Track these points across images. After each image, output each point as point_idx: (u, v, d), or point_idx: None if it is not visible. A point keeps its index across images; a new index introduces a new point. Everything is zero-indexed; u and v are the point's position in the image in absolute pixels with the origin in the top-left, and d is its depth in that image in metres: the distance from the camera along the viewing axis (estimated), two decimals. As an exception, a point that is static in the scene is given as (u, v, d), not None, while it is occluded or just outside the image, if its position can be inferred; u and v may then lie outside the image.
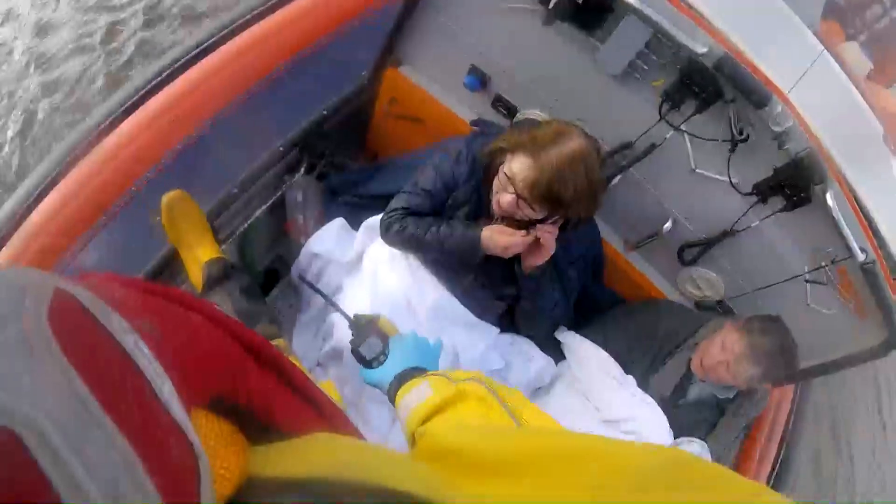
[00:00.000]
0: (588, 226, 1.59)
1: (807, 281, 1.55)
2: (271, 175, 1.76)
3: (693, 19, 1.29)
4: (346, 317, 1.08)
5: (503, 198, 1.34)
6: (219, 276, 1.53)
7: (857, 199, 1.37)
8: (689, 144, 1.53)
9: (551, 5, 1.43)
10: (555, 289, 1.65)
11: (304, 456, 0.49)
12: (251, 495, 0.42)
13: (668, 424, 1.59)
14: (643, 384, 1.68)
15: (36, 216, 1.48)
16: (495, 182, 1.38)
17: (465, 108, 1.79)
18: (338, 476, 0.43)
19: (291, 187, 1.81)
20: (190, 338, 0.48)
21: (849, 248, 1.36)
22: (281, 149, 1.74)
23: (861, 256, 1.35)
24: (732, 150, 1.46)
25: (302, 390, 0.60)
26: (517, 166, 1.29)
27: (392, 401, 0.87)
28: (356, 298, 1.70)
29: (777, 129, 1.32)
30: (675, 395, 1.66)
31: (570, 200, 1.28)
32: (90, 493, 0.25)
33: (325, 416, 0.63)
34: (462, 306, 1.66)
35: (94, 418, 0.27)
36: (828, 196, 1.34)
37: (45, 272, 0.34)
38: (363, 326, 1.03)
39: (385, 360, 0.97)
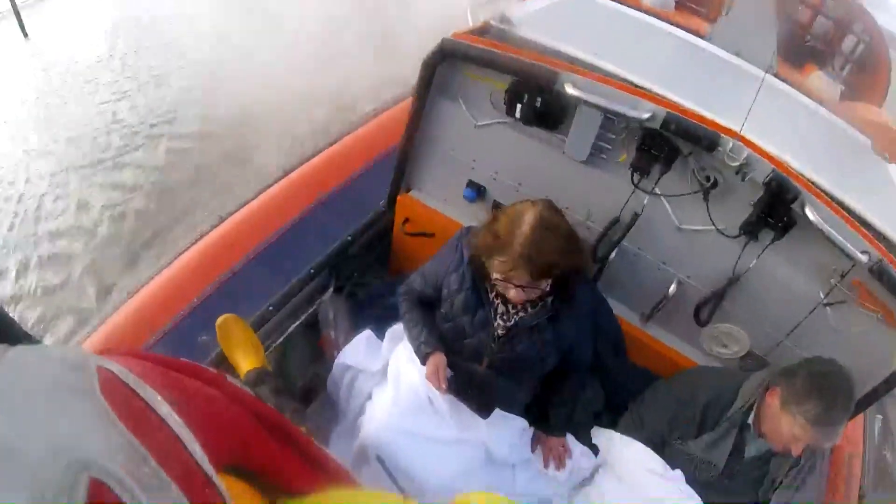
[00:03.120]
0: (583, 286, 1.64)
1: (826, 305, 1.47)
2: (304, 295, 2.00)
3: (629, 91, 1.52)
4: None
5: (510, 294, 1.46)
6: (252, 381, 1.69)
7: (845, 207, 1.39)
8: (667, 205, 1.65)
9: (518, 116, 1.73)
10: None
11: None
12: None
13: None
14: (689, 460, 1.54)
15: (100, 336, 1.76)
16: (496, 284, 1.50)
17: (469, 218, 2.02)
18: None
19: (323, 305, 2.02)
20: (207, 409, 0.54)
21: (848, 256, 1.34)
22: (311, 271, 2.00)
23: (864, 259, 1.32)
24: (706, 198, 1.55)
25: (309, 454, 0.68)
26: (499, 267, 1.42)
27: None
28: (382, 400, 1.76)
29: (734, 163, 1.43)
30: (732, 460, 1.51)
31: (557, 259, 1.39)
32: None
33: (334, 476, 0.71)
34: None
35: (155, 473, 0.33)
36: (807, 211, 1.37)
37: (84, 351, 0.41)
38: None
39: None
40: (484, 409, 1.63)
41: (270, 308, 1.89)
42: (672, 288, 1.72)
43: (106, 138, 4.04)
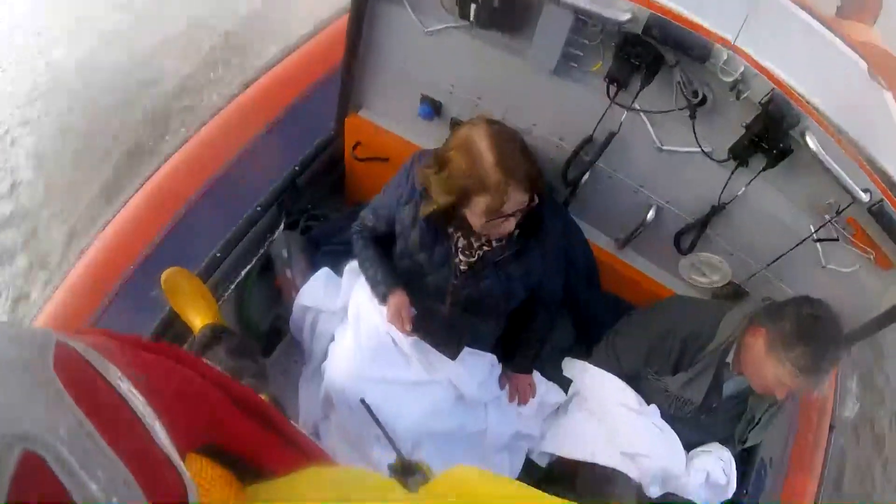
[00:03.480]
0: (553, 216, 1.48)
1: (816, 241, 1.34)
2: (253, 235, 1.83)
3: None
4: (396, 449, 1.05)
5: (505, 228, 1.31)
6: (207, 341, 1.59)
7: (848, 138, 1.20)
8: (647, 122, 1.43)
9: (472, 18, 1.43)
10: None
11: (292, 491, 0.55)
12: None
13: (684, 457, 1.52)
14: (666, 396, 1.51)
15: (50, 306, 1.66)
16: (473, 222, 1.33)
17: (426, 138, 1.80)
18: None
19: (275, 244, 1.87)
20: (178, 388, 0.54)
21: (849, 192, 1.18)
22: (258, 208, 1.82)
23: (865, 197, 1.17)
24: (693, 116, 1.34)
25: (285, 434, 0.66)
26: (489, 206, 1.25)
27: None
28: (343, 340, 1.69)
29: (728, 79, 1.21)
30: (709, 398, 1.47)
31: (531, 167, 1.26)
32: None
33: (308, 455, 0.69)
34: None
35: (99, 447, 0.32)
36: (808, 139, 1.19)
37: (46, 329, 0.41)
38: (406, 469, 1.00)
39: None
40: (451, 350, 1.56)
41: (218, 255, 1.74)
42: (650, 214, 1.56)
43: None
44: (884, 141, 1.25)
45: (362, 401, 1.47)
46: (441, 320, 1.55)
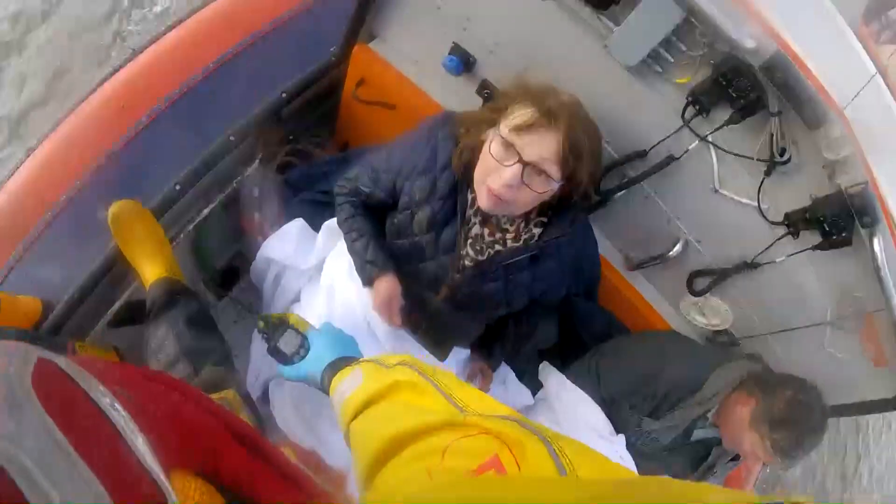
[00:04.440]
0: (582, 225, 1.34)
1: (828, 325, 1.31)
2: (223, 167, 1.52)
3: (747, 9, 0.97)
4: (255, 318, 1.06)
5: (503, 174, 1.06)
6: (162, 301, 1.35)
7: None
8: (714, 159, 1.24)
9: None
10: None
11: None
12: None
13: None
14: (636, 430, 1.49)
15: None
16: (480, 163, 1.12)
17: (446, 94, 1.50)
18: None
19: (246, 181, 1.57)
20: (169, 411, 0.52)
21: (889, 304, 1.11)
22: (231, 138, 1.49)
23: None
24: (769, 173, 1.16)
25: (279, 466, 0.63)
26: (516, 118, 1.05)
27: (326, 391, 0.88)
28: (312, 311, 1.51)
29: (831, 156, 1.03)
30: (678, 438, 1.48)
31: (587, 152, 1.07)
32: None
33: (303, 489, 0.66)
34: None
35: (69, 458, 0.34)
36: (875, 243, 1.08)
37: (29, 345, 0.41)
38: (276, 324, 1.03)
39: (305, 354, 0.97)
40: (441, 351, 1.44)
41: (178, 187, 1.44)
42: (677, 248, 1.43)
43: None
44: None
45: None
46: (431, 315, 1.39)
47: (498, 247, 1.27)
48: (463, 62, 1.42)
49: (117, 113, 1.44)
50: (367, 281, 1.31)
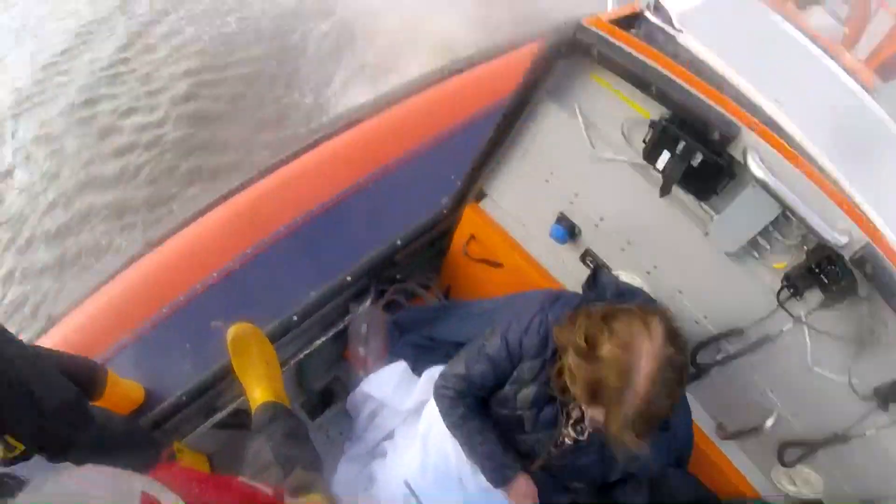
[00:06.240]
0: (681, 409, 1.38)
1: None
2: (337, 303, 1.65)
3: (840, 205, 1.11)
4: None
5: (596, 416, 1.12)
6: (266, 422, 1.42)
7: None
8: (808, 338, 1.34)
9: (659, 167, 1.29)
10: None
11: None
12: None
13: None
14: None
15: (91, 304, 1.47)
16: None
17: (551, 258, 1.66)
18: None
19: (357, 318, 1.69)
20: None
21: None
22: (349, 279, 1.64)
23: None
24: (860, 353, 1.27)
25: None
26: (603, 420, 1.10)
27: None
28: (406, 455, 1.53)
29: None
30: None
31: (669, 409, 1.08)
32: None
33: None
34: None
35: None
36: None
37: (132, 474, 0.48)
38: None
39: None
40: None
41: (295, 318, 1.55)
42: (770, 421, 1.47)
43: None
44: None
45: (406, 483, 1.40)
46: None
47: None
48: (569, 232, 1.59)
49: (244, 228, 1.59)
50: (503, 482, 1.35)
